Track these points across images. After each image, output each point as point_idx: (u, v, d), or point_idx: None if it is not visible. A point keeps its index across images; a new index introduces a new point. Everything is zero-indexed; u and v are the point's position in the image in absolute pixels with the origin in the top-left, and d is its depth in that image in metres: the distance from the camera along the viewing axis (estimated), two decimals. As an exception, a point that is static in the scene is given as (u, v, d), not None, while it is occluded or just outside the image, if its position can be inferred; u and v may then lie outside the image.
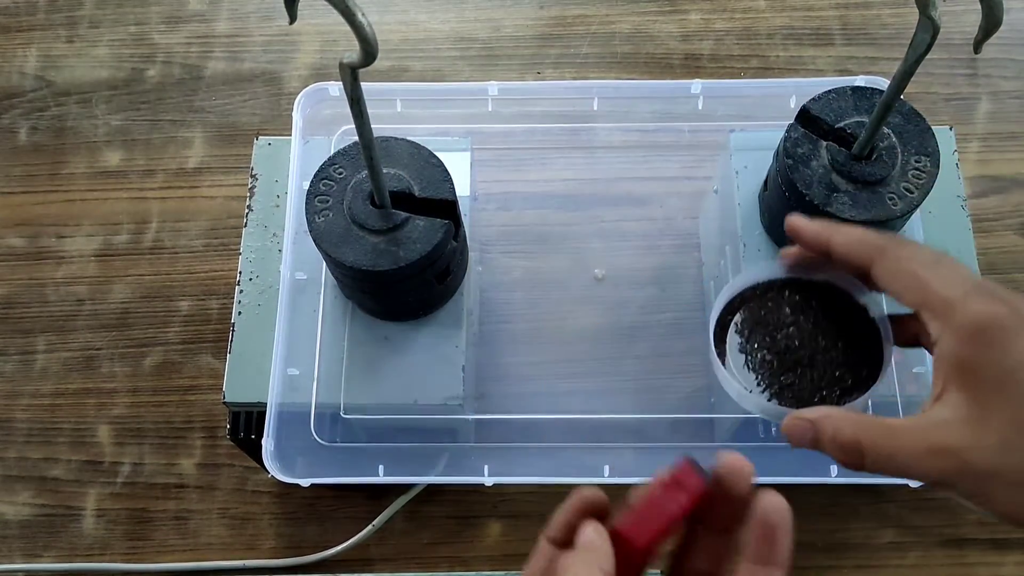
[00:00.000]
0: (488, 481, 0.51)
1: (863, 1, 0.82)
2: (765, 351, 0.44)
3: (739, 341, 0.45)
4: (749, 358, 0.45)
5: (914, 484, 0.52)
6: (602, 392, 0.54)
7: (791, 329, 0.44)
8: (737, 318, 0.46)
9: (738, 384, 0.44)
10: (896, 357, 0.46)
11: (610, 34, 0.81)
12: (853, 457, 0.37)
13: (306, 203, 0.49)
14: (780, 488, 0.34)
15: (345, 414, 0.52)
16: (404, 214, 0.48)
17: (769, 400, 0.44)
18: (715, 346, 0.45)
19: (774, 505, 0.34)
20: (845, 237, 0.41)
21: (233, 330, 0.55)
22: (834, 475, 0.51)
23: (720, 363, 0.45)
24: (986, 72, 0.79)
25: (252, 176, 0.59)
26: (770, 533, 0.33)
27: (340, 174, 0.50)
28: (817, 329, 0.44)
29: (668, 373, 0.61)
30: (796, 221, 0.43)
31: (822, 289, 0.45)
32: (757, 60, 0.80)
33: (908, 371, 0.52)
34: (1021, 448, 0.34)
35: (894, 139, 0.50)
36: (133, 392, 0.69)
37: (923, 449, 0.36)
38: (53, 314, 0.72)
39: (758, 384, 0.44)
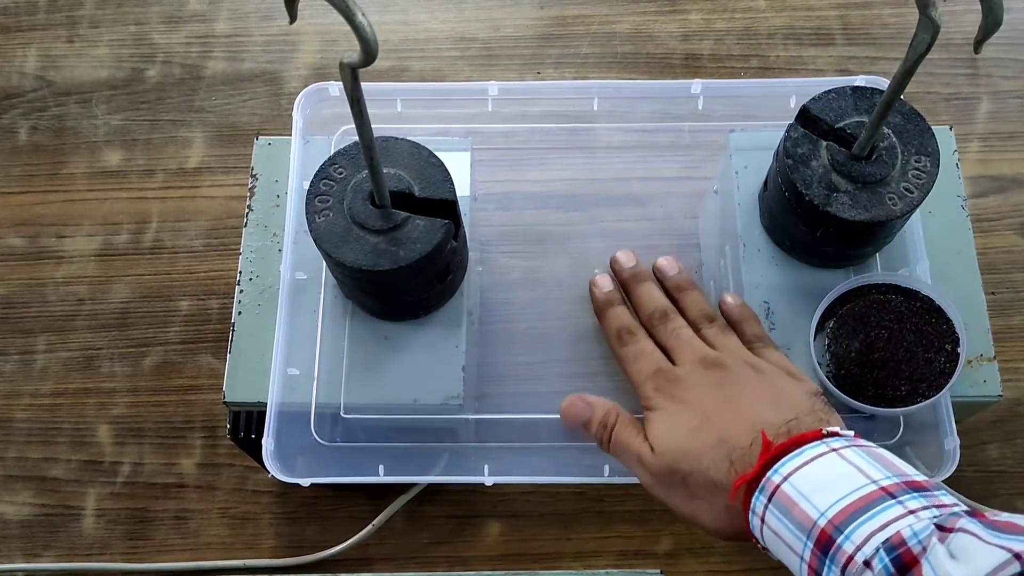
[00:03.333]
0: (488, 481, 0.51)
1: (863, 1, 0.82)
2: (850, 340, 0.51)
3: (832, 326, 0.52)
4: (832, 343, 0.51)
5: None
6: (602, 392, 0.53)
7: (881, 331, 0.51)
8: (841, 309, 0.52)
9: (814, 356, 0.51)
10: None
11: (610, 34, 0.81)
12: (604, 448, 0.49)
13: (306, 203, 0.49)
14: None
15: (345, 414, 0.52)
16: (404, 214, 0.48)
17: (828, 380, 0.51)
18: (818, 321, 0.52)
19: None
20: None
21: (233, 330, 0.55)
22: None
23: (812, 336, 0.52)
24: (986, 72, 0.79)
25: (252, 176, 0.59)
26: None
27: (340, 174, 0.50)
28: (901, 336, 0.51)
29: (668, 373, 0.61)
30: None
31: (923, 301, 0.52)
32: (757, 60, 0.80)
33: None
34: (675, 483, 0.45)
35: (894, 139, 0.50)
36: (133, 392, 0.69)
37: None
38: (53, 314, 0.72)
39: (828, 364, 0.51)
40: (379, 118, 0.44)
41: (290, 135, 0.57)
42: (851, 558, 0.36)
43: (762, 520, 0.40)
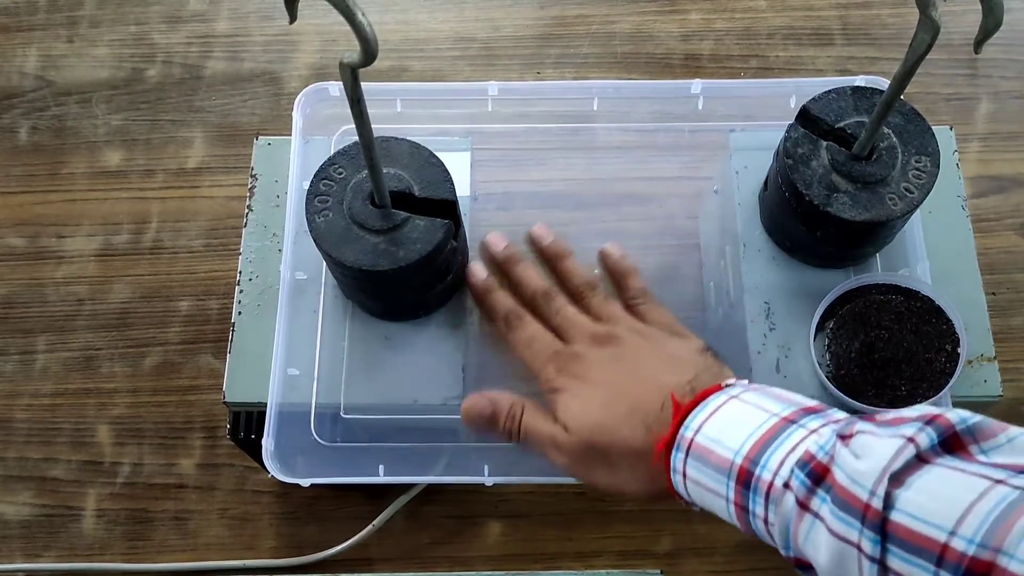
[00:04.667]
0: (488, 481, 0.51)
1: (863, 1, 0.82)
2: (850, 340, 0.51)
3: (833, 327, 0.52)
4: (833, 343, 0.52)
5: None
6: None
7: (881, 332, 0.51)
8: (841, 309, 0.52)
9: (814, 356, 0.51)
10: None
11: (610, 34, 0.81)
12: (514, 440, 0.49)
13: (306, 203, 0.49)
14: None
15: (345, 414, 0.52)
16: (404, 214, 0.48)
17: (828, 380, 0.51)
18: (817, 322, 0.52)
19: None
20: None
21: (233, 330, 0.55)
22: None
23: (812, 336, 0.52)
24: (986, 72, 0.79)
25: (252, 176, 0.59)
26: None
27: (340, 174, 0.50)
28: (901, 337, 0.51)
29: (668, 373, 0.61)
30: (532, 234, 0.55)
31: (923, 301, 0.52)
32: (757, 60, 0.80)
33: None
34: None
35: (894, 139, 0.50)
36: (133, 392, 0.69)
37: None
38: (53, 314, 0.72)
39: (828, 365, 0.51)
40: (379, 118, 0.44)
41: (290, 135, 0.57)
42: (771, 484, 0.38)
43: (683, 475, 0.42)
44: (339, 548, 0.63)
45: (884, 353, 0.50)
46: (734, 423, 0.41)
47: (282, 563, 0.64)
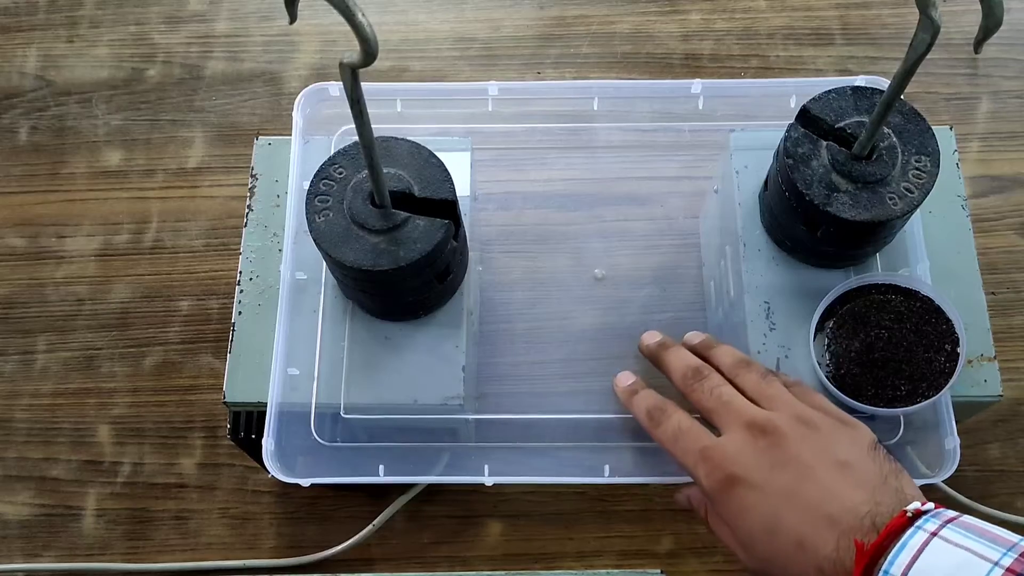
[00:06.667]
0: (488, 481, 0.51)
1: (863, 1, 0.82)
2: (849, 340, 0.51)
3: (832, 326, 0.52)
4: (832, 343, 0.52)
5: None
6: (602, 392, 0.53)
7: (881, 331, 0.51)
8: (841, 309, 0.52)
9: (813, 356, 0.51)
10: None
11: (610, 34, 0.81)
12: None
13: (306, 203, 0.49)
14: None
15: (345, 414, 0.52)
16: (404, 214, 0.48)
17: (828, 380, 0.51)
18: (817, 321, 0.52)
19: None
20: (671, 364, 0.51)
21: (233, 330, 0.55)
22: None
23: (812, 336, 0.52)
24: (986, 72, 0.79)
25: (252, 176, 0.59)
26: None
27: (340, 174, 0.50)
28: (901, 336, 0.51)
29: (668, 373, 0.61)
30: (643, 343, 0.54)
31: (923, 301, 0.52)
32: (757, 60, 0.80)
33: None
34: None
35: (894, 139, 0.50)
36: (133, 392, 0.69)
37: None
38: (53, 314, 0.72)
39: (828, 364, 0.51)
40: (379, 118, 0.44)
41: (290, 135, 0.57)
42: None
43: None
44: (339, 548, 0.63)
45: (884, 353, 0.50)
46: (948, 572, 0.36)
47: (282, 563, 0.64)
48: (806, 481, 0.42)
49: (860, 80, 0.57)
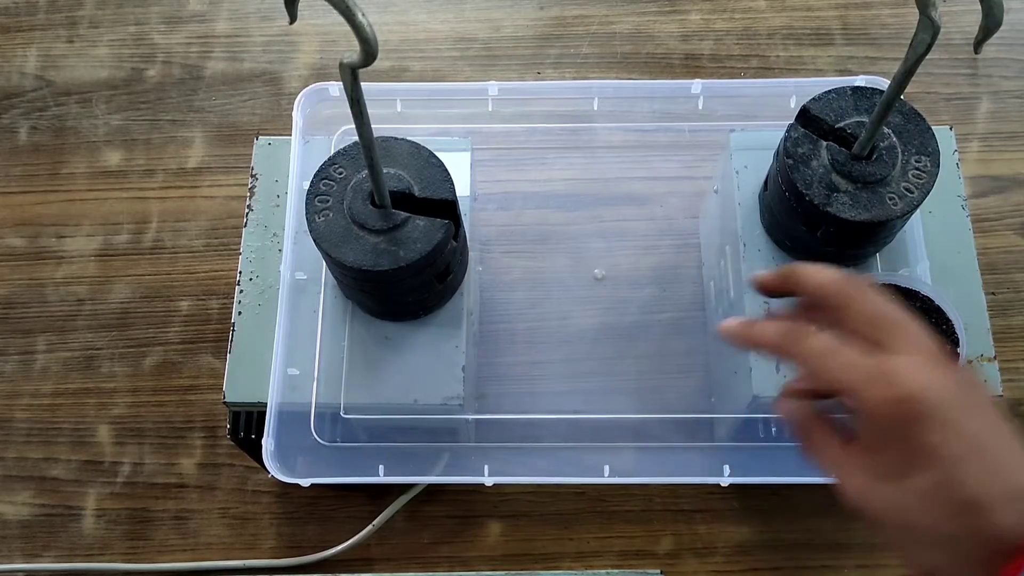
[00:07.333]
0: (488, 481, 0.51)
1: (863, 1, 0.82)
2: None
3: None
4: None
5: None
6: (602, 392, 0.54)
7: None
8: None
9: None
10: None
11: (610, 34, 0.81)
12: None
13: (306, 203, 0.49)
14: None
15: (345, 414, 0.52)
16: (404, 214, 0.48)
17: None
18: None
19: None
20: (812, 281, 0.40)
21: (233, 330, 0.55)
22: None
23: None
24: (986, 72, 0.79)
25: (252, 176, 0.59)
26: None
27: (340, 174, 0.50)
28: None
29: (668, 373, 0.61)
30: (757, 278, 0.43)
31: (923, 301, 0.51)
32: (757, 60, 0.80)
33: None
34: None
35: (894, 139, 0.50)
36: (133, 392, 0.69)
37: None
38: (53, 314, 0.72)
39: None
40: (379, 118, 0.44)
41: (290, 135, 0.58)
42: None
43: None
44: (339, 548, 0.63)
45: None
46: None
47: (282, 563, 0.64)
48: (999, 438, 0.36)
49: (860, 80, 0.57)
